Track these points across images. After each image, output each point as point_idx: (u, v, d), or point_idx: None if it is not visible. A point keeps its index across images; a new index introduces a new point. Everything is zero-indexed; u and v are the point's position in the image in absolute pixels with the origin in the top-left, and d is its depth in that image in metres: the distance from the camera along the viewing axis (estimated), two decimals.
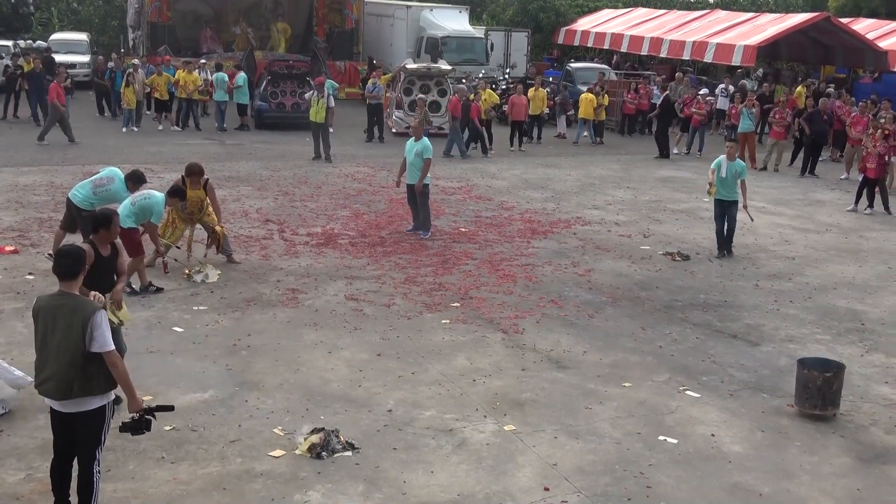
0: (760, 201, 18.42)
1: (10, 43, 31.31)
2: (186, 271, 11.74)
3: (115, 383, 5.87)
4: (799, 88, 27.53)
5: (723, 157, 14.07)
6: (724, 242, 14.16)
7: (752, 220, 14.73)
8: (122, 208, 10.98)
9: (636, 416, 8.39)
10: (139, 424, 6.04)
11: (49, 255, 11.69)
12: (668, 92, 26.58)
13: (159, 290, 11.05)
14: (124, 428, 6.06)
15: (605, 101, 26.06)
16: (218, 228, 12.41)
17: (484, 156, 22.69)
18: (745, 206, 14.15)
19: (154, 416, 6.10)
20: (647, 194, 18.93)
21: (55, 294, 5.87)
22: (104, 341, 5.71)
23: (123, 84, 24.05)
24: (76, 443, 5.95)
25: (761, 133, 25.50)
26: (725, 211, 14.08)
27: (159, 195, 11.36)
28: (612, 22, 39.05)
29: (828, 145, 23.93)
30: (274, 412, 8.09)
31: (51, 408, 5.94)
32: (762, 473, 7.47)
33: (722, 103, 27.32)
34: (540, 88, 25.63)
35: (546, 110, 26.17)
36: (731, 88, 27.67)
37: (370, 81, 24.82)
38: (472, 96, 22.88)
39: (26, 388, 8.03)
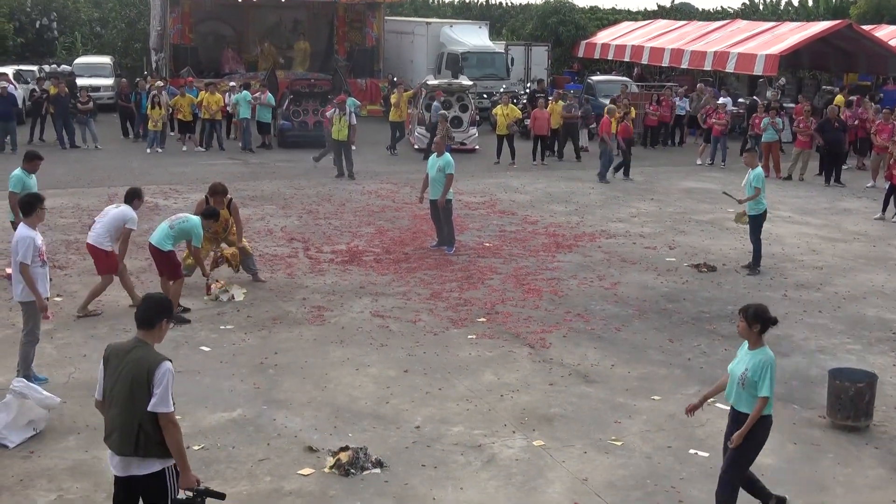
0: (786, 211, 18.32)
1: (35, 67, 31.68)
2: (214, 291, 11.78)
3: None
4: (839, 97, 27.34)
5: None
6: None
7: (728, 195, 14.60)
8: (160, 231, 11.07)
9: (666, 430, 8.33)
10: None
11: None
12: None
13: (186, 321, 10.82)
14: None
15: (633, 113, 25.97)
16: (230, 250, 12.43)
17: (625, 178, 21.76)
18: (740, 201, 13.82)
19: (204, 501, 5.50)
20: (672, 206, 18.84)
21: (128, 341, 5.51)
22: (161, 401, 5.22)
23: (149, 105, 24.28)
24: None
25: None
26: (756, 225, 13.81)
27: (196, 218, 11.37)
28: (632, 34, 39.01)
29: (846, 153, 23.60)
30: (302, 430, 8.09)
31: (114, 475, 5.49)
32: (796, 486, 7.38)
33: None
34: (559, 101, 25.52)
35: None
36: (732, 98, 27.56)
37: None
38: (619, 115, 22.14)
39: (57, 409, 8.11)
